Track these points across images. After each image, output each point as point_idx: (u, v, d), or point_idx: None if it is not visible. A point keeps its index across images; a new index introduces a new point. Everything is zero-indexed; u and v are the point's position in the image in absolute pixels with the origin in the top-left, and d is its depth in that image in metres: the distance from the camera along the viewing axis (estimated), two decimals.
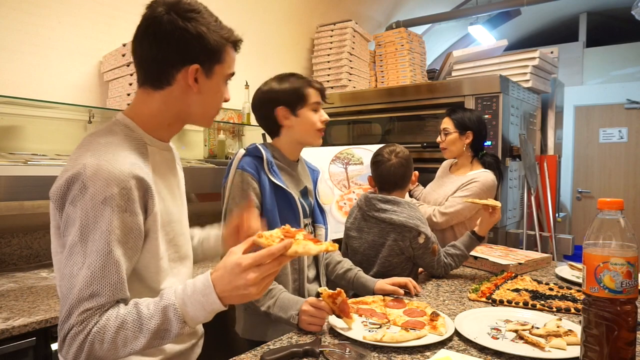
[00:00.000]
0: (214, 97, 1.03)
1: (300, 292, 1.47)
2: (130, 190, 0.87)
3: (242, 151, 1.46)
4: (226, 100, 1.06)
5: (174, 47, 0.94)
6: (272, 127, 1.51)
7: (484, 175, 2.16)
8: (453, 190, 2.19)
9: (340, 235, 1.96)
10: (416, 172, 1.85)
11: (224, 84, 1.04)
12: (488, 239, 2.33)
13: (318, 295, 1.25)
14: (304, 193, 1.56)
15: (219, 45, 0.97)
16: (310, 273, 1.55)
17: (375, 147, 1.88)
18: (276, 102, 1.45)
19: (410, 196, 2.48)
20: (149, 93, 0.98)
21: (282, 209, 1.45)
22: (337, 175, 2.66)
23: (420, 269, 1.85)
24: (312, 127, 1.48)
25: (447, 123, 2.23)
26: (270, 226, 1.41)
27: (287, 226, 0.97)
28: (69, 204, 0.85)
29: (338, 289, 1.22)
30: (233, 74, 1.04)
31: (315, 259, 1.58)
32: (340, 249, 1.83)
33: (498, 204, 1.67)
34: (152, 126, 1.00)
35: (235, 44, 1.02)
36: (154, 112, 0.99)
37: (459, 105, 2.49)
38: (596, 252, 0.82)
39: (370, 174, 1.84)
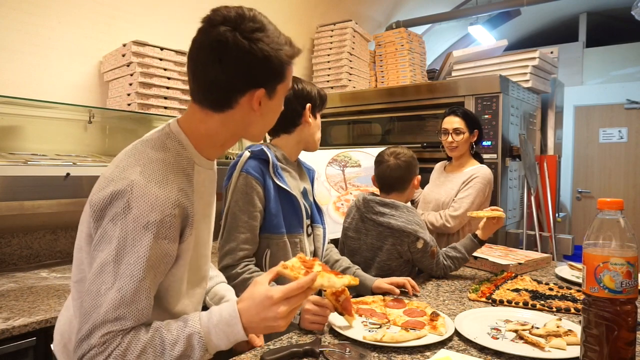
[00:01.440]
0: (274, 115, 1.01)
1: None
2: (174, 218, 0.85)
3: (247, 153, 1.44)
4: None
5: (241, 73, 0.89)
6: (290, 122, 1.50)
7: (482, 170, 2.21)
8: (455, 188, 2.21)
9: (338, 235, 1.97)
10: (419, 177, 1.84)
11: (283, 99, 1.01)
12: (488, 239, 2.33)
13: (320, 293, 1.25)
14: (304, 194, 1.56)
15: (283, 65, 0.93)
16: None
17: (373, 150, 1.88)
18: (308, 99, 1.50)
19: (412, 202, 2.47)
20: (207, 113, 0.93)
21: (286, 212, 1.44)
22: (334, 177, 2.66)
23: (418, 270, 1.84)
24: (319, 131, 1.56)
25: (459, 123, 2.25)
26: (275, 229, 1.42)
27: (302, 255, 1.01)
28: (110, 220, 0.82)
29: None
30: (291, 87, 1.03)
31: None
32: (337, 247, 1.83)
33: (501, 215, 1.67)
34: (205, 145, 0.97)
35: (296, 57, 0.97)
36: (210, 133, 0.95)
37: (459, 105, 2.49)
38: (596, 252, 0.82)
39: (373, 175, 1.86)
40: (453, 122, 2.25)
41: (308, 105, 1.49)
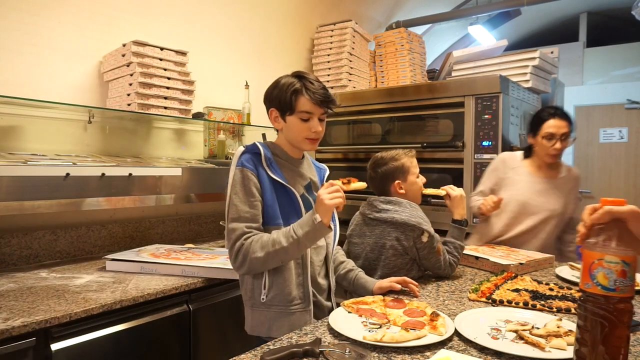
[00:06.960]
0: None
1: (304, 287, 1.46)
2: None
3: (241, 149, 1.49)
4: None
5: None
6: (272, 123, 1.55)
7: (575, 170, 2.33)
8: (562, 195, 2.22)
9: None
10: (400, 181, 1.76)
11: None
12: (486, 239, 2.33)
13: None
14: (308, 187, 1.57)
15: None
16: (322, 271, 1.56)
17: None
18: (270, 103, 1.51)
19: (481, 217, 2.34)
20: None
21: (283, 203, 1.46)
22: None
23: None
24: (299, 135, 1.47)
25: (567, 127, 2.11)
26: (272, 221, 1.44)
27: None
28: None
29: (349, 177, 1.40)
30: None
31: (326, 257, 1.58)
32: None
33: (450, 189, 1.79)
34: None
35: None
36: None
37: (559, 107, 2.42)
38: (593, 249, 0.82)
39: None
40: (561, 126, 2.08)
41: (271, 109, 1.50)
